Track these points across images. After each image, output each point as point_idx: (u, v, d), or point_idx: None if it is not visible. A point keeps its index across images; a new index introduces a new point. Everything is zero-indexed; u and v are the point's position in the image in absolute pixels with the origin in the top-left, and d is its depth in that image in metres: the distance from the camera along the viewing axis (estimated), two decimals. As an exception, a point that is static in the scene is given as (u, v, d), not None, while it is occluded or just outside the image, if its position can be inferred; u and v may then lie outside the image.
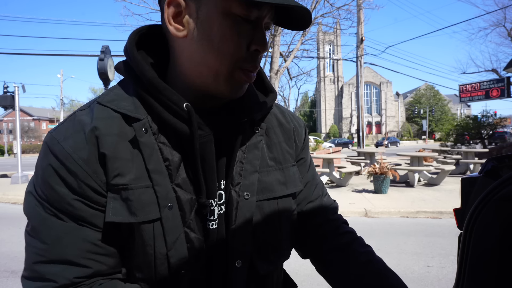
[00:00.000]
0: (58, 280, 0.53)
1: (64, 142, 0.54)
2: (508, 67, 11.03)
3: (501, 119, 16.22)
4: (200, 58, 0.55)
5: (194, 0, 0.53)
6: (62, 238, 0.54)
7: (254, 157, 0.65)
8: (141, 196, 0.55)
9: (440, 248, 4.17)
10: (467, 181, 1.55)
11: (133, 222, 0.55)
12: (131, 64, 0.58)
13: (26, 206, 0.57)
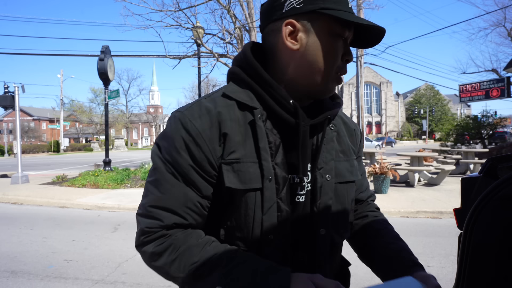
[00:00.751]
0: (164, 221, 0.69)
1: (195, 121, 0.70)
2: (508, 67, 11.04)
3: (501, 119, 16.23)
4: (310, 65, 0.72)
5: (305, 24, 0.70)
6: (174, 193, 0.70)
7: (331, 148, 0.81)
8: (249, 168, 0.70)
9: (440, 248, 4.17)
10: (467, 181, 1.55)
11: (242, 189, 0.69)
12: (249, 68, 0.74)
13: (153, 163, 0.73)
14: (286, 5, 0.70)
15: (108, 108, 12.20)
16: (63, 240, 4.80)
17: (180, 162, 0.70)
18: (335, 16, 0.68)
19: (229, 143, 0.70)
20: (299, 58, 0.72)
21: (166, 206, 0.70)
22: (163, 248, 0.69)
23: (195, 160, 0.70)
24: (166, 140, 0.72)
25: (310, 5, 0.68)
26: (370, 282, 3.27)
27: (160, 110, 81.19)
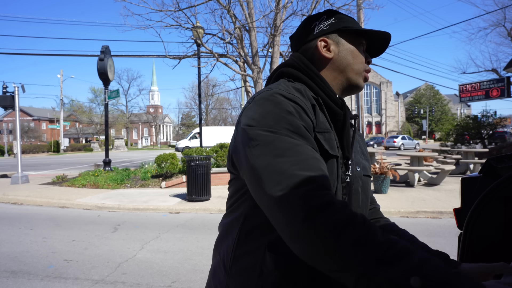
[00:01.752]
0: (323, 183, 0.65)
1: (294, 93, 0.78)
2: (508, 67, 11.04)
3: (501, 119, 16.21)
4: (344, 67, 0.92)
5: (334, 38, 0.93)
6: (309, 153, 0.70)
7: (358, 145, 1.00)
8: (332, 137, 0.81)
9: (440, 248, 4.13)
10: (467, 181, 1.54)
11: (333, 155, 0.79)
12: (305, 68, 0.89)
13: (257, 141, 0.71)
14: (316, 29, 0.94)
15: (108, 108, 12.20)
16: (63, 240, 4.80)
17: (298, 124, 0.73)
18: (354, 29, 0.92)
19: (317, 115, 0.80)
20: (336, 64, 0.92)
21: (312, 168, 0.67)
22: (347, 218, 0.59)
23: (306, 123, 0.75)
24: (269, 113, 0.73)
25: (334, 27, 0.93)
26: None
27: (160, 110, 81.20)
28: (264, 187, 0.66)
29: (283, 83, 0.82)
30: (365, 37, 0.95)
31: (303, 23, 0.97)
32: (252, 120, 0.74)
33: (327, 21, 0.93)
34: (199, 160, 7.27)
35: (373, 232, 0.59)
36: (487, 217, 1.18)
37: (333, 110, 0.86)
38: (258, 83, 12.94)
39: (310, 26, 0.95)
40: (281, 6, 12.28)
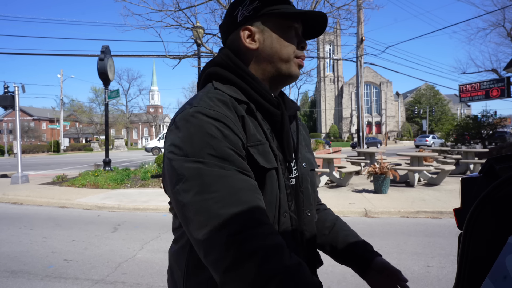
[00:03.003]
0: (246, 220, 0.61)
1: (217, 108, 0.70)
2: (508, 67, 11.03)
3: (501, 119, 16.21)
4: (272, 57, 0.82)
5: (259, 25, 0.82)
6: (234, 184, 0.64)
7: (302, 139, 0.94)
8: (266, 149, 0.75)
9: (440, 248, 4.17)
10: (467, 181, 1.54)
11: (270, 168, 0.74)
12: (234, 67, 0.81)
13: (182, 174, 0.65)
14: (239, 16, 0.83)
15: (108, 108, 12.19)
16: (63, 240, 4.80)
17: (223, 149, 0.66)
18: (280, 12, 0.81)
19: (248, 126, 0.73)
20: (262, 54, 0.83)
21: (237, 202, 0.62)
22: (270, 272, 0.57)
23: (233, 144, 0.68)
24: (191, 139, 0.67)
25: (258, 11, 0.81)
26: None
27: (160, 110, 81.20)
28: (190, 229, 0.63)
29: (206, 96, 0.73)
30: (297, 19, 0.84)
31: (227, 10, 0.86)
32: (174, 147, 0.68)
33: (250, 5, 0.81)
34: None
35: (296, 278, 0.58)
36: (487, 217, 1.17)
37: (269, 111, 0.80)
38: (258, 83, 12.93)
39: (233, 13, 0.83)
40: (281, 6, 12.26)
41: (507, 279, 0.91)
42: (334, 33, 32.43)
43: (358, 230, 5.95)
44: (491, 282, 0.97)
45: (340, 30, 14.53)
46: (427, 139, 34.96)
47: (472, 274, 1.18)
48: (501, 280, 0.94)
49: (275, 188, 0.75)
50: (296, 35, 0.85)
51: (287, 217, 0.77)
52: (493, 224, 1.12)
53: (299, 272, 0.59)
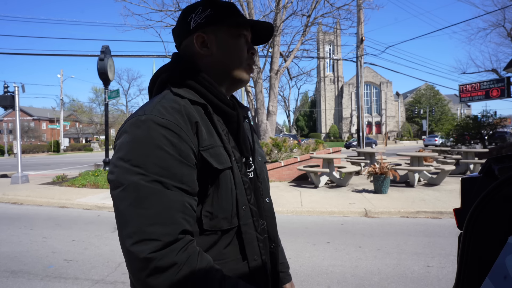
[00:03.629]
0: (169, 237, 0.67)
1: (168, 116, 0.73)
2: (508, 67, 11.03)
3: (501, 119, 16.21)
4: (224, 62, 0.89)
5: (211, 33, 0.87)
6: (167, 202, 0.69)
7: (253, 135, 1.03)
8: (218, 151, 0.80)
9: (440, 248, 4.17)
10: (467, 181, 1.54)
11: (222, 169, 0.79)
12: (190, 72, 0.85)
13: (124, 182, 0.69)
14: (192, 23, 0.87)
15: (108, 108, 12.19)
16: (63, 240, 4.80)
17: (167, 161, 0.70)
18: (231, 21, 0.88)
19: (200, 132, 0.78)
20: (215, 60, 0.89)
21: (164, 220, 0.67)
22: (184, 279, 0.66)
23: (182, 152, 0.72)
24: (138, 148, 0.70)
25: (210, 19, 0.87)
26: (367, 282, 3.28)
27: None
28: (121, 234, 0.68)
29: (159, 103, 0.76)
30: (247, 28, 0.91)
31: (180, 16, 0.91)
32: (122, 152, 0.71)
33: (203, 13, 0.86)
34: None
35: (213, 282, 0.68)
36: (487, 217, 1.17)
37: (226, 112, 0.86)
38: (258, 83, 12.94)
39: (187, 19, 0.88)
40: (281, 6, 12.28)
41: (507, 279, 0.91)
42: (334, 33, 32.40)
43: (358, 230, 5.97)
44: (491, 282, 0.98)
45: (340, 30, 14.54)
46: (436, 139, 35.74)
47: (472, 274, 1.19)
48: (501, 280, 0.94)
49: (230, 186, 0.81)
50: (246, 42, 0.91)
51: (247, 210, 0.84)
52: (493, 224, 1.13)
53: (210, 270, 0.70)
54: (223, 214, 0.80)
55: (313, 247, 4.35)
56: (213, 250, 0.79)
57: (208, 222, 0.78)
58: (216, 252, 0.80)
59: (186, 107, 0.77)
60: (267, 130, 12.76)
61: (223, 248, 0.81)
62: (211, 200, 0.79)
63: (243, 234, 0.83)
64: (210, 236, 0.79)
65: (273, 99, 12.94)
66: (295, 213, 6.29)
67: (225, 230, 0.80)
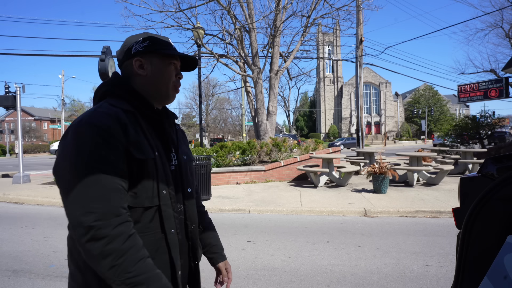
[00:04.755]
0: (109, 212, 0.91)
1: (102, 120, 0.97)
2: (506, 68, 11.05)
3: (500, 119, 16.25)
4: (156, 83, 1.15)
5: (147, 59, 1.13)
6: (106, 184, 0.92)
7: (182, 138, 1.29)
8: (145, 145, 1.03)
9: (439, 247, 4.20)
10: (466, 181, 1.57)
11: (145, 158, 1.02)
12: (124, 87, 1.12)
13: (68, 172, 0.93)
14: (133, 49, 1.13)
15: (108, 108, 12.19)
16: (64, 240, 4.80)
17: (99, 154, 0.93)
18: (163, 53, 1.14)
19: (128, 131, 1.00)
20: (148, 79, 1.14)
21: (105, 197, 0.91)
22: (110, 251, 0.88)
23: (112, 146, 0.95)
24: (77, 145, 0.93)
25: (147, 49, 1.12)
26: (367, 281, 3.30)
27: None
28: (69, 210, 0.92)
29: (95, 111, 1.00)
30: (176, 58, 1.17)
31: (124, 43, 1.15)
32: (68, 147, 0.95)
33: (142, 43, 1.12)
34: (199, 160, 7.29)
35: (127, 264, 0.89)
36: (486, 216, 1.20)
37: (151, 117, 1.11)
38: (258, 84, 12.95)
39: (130, 46, 1.13)
40: (281, 7, 12.29)
41: (507, 279, 0.94)
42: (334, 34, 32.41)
43: (358, 230, 5.97)
44: (489, 281, 1.00)
45: (339, 31, 14.57)
46: (445, 138, 35.96)
47: (470, 273, 1.21)
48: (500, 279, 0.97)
49: (152, 173, 1.03)
50: (174, 69, 1.17)
51: (166, 194, 1.07)
52: (491, 224, 1.15)
53: (131, 251, 0.91)
54: (145, 195, 1.02)
55: (313, 246, 4.37)
56: (139, 224, 1.01)
57: (133, 200, 1.00)
58: (142, 225, 1.02)
59: (117, 113, 1.01)
60: (267, 130, 12.78)
61: (148, 222, 1.03)
62: (135, 183, 1.01)
63: (162, 212, 1.05)
64: (135, 212, 1.00)
65: (273, 99, 12.96)
66: (294, 213, 6.32)
67: (146, 207, 1.03)
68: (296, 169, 9.79)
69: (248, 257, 4.04)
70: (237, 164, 10.24)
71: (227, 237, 4.81)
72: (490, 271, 1.05)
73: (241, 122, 33.55)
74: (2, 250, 4.43)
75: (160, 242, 1.06)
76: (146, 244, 1.00)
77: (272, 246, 4.43)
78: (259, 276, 3.46)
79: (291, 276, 3.43)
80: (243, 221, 5.87)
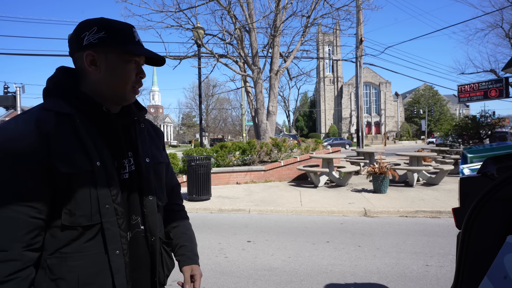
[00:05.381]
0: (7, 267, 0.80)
1: (16, 131, 0.84)
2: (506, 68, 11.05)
3: (500, 119, 16.25)
4: (110, 83, 0.96)
5: (102, 54, 0.93)
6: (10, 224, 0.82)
7: (144, 139, 1.10)
8: (75, 157, 0.87)
9: (439, 247, 4.20)
10: (466, 181, 1.57)
11: (75, 172, 0.86)
12: (64, 85, 0.95)
13: None
14: (85, 40, 0.92)
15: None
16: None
17: (3, 179, 0.81)
18: (121, 49, 0.94)
19: (52, 143, 0.85)
20: (102, 78, 0.95)
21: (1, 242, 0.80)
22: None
23: (23, 160, 0.82)
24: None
25: (102, 42, 0.92)
26: (367, 281, 3.30)
27: (160, 110, 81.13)
28: None
29: (14, 119, 0.88)
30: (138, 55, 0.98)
31: (75, 30, 0.95)
32: None
33: (97, 34, 0.92)
34: (199, 160, 7.30)
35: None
36: (486, 216, 1.20)
37: (100, 120, 0.96)
38: (258, 84, 12.96)
39: (80, 35, 0.93)
40: (281, 7, 12.30)
41: (507, 279, 0.94)
42: (334, 34, 32.42)
43: (358, 230, 5.98)
44: (489, 281, 1.00)
45: (339, 31, 14.58)
46: (448, 138, 36.08)
47: (470, 273, 1.21)
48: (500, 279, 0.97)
49: (87, 187, 0.89)
50: (136, 67, 0.99)
51: (111, 209, 0.92)
52: (491, 224, 1.15)
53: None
54: (81, 212, 0.88)
55: (313, 246, 4.37)
56: (74, 244, 0.88)
57: (68, 219, 0.87)
58: (77, 245, 0.88)
59: (39, 121, 0.86)
60: (267, 130, 12.78)
61: (84, 242, 0.89)
62: (67, 199, 0.87)
63: (105, 230, 0.91)
64: (71, 231, 0.88)
65: (273, 99, 12.97)
66: (294, 213, 6.32)
67: (85, 226, 0.89)
68: (296, 169, 9.80)
69: (248, 257, 4.04)
70: (237, 164, 10.24)
71: (227, 237, 4.81)
72: (490, 271, 1.05)
73: (241, 122, 33.57)
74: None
75: (101, 265, 0.91)
76: (84, 266, 0.89)
77: (272, 246, 4.43)
78: (259, 276, 3.46)
79: (291, 276, 3.44)
80: (243, 221, 5.88)
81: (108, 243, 0.92)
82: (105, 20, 0.95)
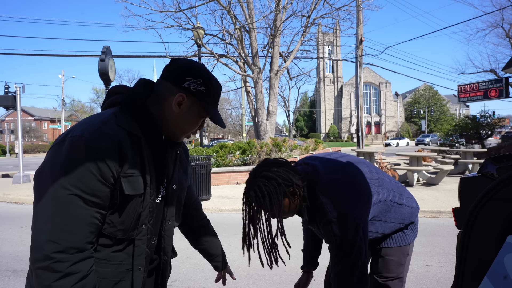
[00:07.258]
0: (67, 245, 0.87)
1: (100, 144, 0.90)
2: (506, 68, 11.04)
3: (500, 119, 16.25)
4: (178, 125, 1.06)
5: (190, 101, 1.03)
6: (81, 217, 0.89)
7: (178, 166, 1.19)
8: (138, 180, 0.97)
9: (439, 247, 4.20)
10: (466, 181, 1.57)
11: (134, 195, 0.96)
12: (141, 107, 1.01)
13: (51, 191, 0.87)
14: (186, 84, 1.02)
15: (108, 108, 12.20)
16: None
17: (89, 181, 0.88)
18: (204, 107, 1.05)
19: (126, 161, 0.94)
20: (176, 118, 1.04)
21: (72, 229, 0.86)
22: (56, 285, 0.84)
23: (103, 174, 0.89)
24: (68, 165, 0.87)
25: (199, 95, 1.03)
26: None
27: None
28: (34, 230, 0.87)
29: (99, 129, 0.92)
30: (208, 115, 1.10)
31: (183, 68, 1.03)
32: (51, 163, 0.89)
33: (199, 86, 1.03)
34: (199, 160, 7.29)
35: None
36: (486, 216, 1.20)
37: (155, 146, 1.05)
38: (258, 83, 12.96)
39: (185, 77, 1.02)
40: (281, 7, 12.29)
41: (507, 279, 0.94)
42: (334, 34, 32.38)
43: (358, 230, 5.82)
44: (489, 281, 1.00)
45: (339, 31, 14.59)
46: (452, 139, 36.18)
47: (470, 273, 1.21)
48: (500, 279, 0.97)
49: (136, 208, 0.98)
50: (201, 123, 1.11)
51: (145, 228, 1.03)
52: (491, 224, 1.15)
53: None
54: (121, 226, 0.97)
55: (313, 246, 4.37)
56: (103, 250, 0.97)
57: (108, 229, 0.96)
58: (105, 252, 0.97)
59: (120, 139, 0.94)
60: (267, 130, 12.78)
61: (111, 252, 0.98)
62: (115, 213, 0.96)
63: (135, 246, 1.01)
64: (104, 239, 0.96)
65: (273, 99, 12.97)
66: (295, 213, 6.31)
67: (119, 239, 0.98)
68: (296, 169, 9.78)
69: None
70: (237, 164, 10.24)
71: (227, 237, 4.81)
72: (490, 271, 1.05)
73: (241, 122, 33.57)
74: (2, 250, 4.43)
75: (123, 276, 1.00)
76: (108, 274, 0.97)
77: (272, 246, 4.43)
78: (259, 276, 3.46)
79: (291, 276, 3.43)
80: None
81: (134, 258, 1.01)
82: (210, 78, 1.06)
